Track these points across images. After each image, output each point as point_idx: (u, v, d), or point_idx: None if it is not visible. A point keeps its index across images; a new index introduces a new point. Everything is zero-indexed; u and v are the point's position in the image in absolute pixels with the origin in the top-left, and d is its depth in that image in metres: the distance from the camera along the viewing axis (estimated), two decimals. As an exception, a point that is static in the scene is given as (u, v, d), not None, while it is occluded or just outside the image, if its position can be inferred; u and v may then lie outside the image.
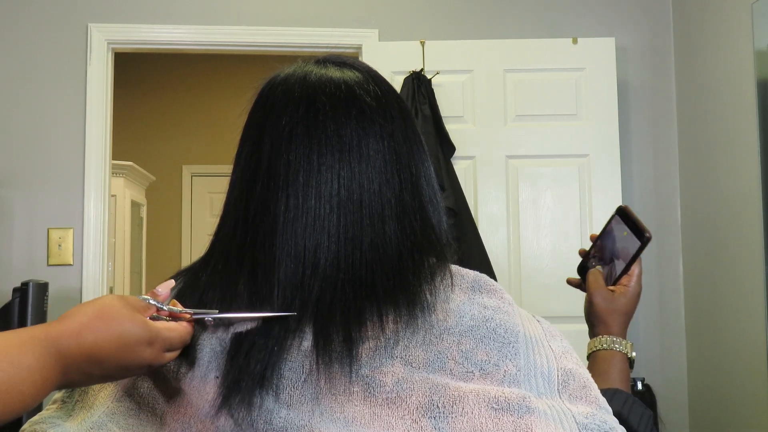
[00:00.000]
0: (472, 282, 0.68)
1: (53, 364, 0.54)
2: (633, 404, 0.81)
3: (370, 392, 0.59)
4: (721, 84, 2.44)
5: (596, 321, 0.94)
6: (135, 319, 0.59)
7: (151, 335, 0.59)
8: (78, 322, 0.57)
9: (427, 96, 2.52)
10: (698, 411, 2.57)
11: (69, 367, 0.56)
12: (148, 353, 0.59)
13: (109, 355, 0.57)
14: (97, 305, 0.59)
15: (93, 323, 0.57)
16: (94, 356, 0.57)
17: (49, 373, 0.54)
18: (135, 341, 0.58)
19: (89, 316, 0.58)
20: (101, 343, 0.57)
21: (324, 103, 0.68)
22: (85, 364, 0.57)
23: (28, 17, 2.63)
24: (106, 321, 0.58)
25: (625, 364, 0.91)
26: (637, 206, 2.73)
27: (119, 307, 0.59)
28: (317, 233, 0.64)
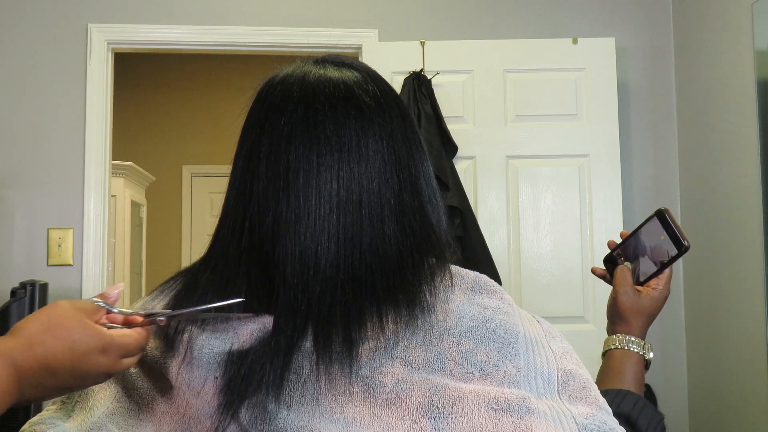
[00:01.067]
0: (472, 282, 0.68)
1: (9, 380, 0.53)
2: (644, 407, 0.81)
3: (370, 393, 0.59)
4: (721, 84, 2.44)
5: (618, 318, 0.94)
6: (86, 327, 0.58)
7: (104, 343, 0.58)
8: (27, 334, 0.56)
9: (428, 95, 2.52)
10: (698, 411, 2.57)
11: (24, 380, 0.55)
12: (102, 361, 0.58)
13: (63, 366, 0.56)
14: (44, 315, 0.58)
15: (42, 335, 0.56)
16: (47, 367, 0.56)
17: (5, 387, 0.53)
18: (87, 350, 0.57)
19: (38, 328, 0.57)
20: (53, 353, 0.56)
21: (323, 103, 0.67)
22: (40, 377, 0.56)
23: (28, 17, 2.63)
24: (55, 331, 0.57)
25: (641, 366, 0.90)
26: (637, 206, 2.73)
27: (68, 315, 0.58)
28: (318, 234, 0.64)
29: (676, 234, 0.91)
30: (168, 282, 0.72)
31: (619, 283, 0.95)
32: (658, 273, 0.94)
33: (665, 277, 0.94)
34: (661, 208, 0.94)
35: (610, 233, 2.55)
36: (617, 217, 2.56)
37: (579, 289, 2.54)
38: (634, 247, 0.97)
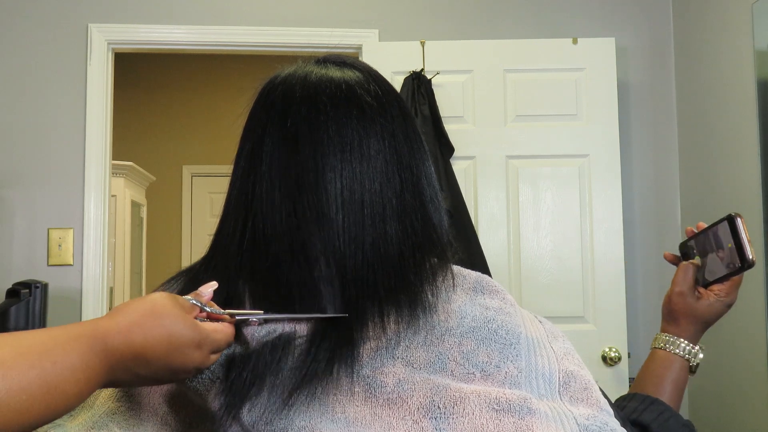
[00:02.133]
0: (474, 283, 0.68)
1: (98, 363, 0.53)
2: (669, 419, 0.79)
3: (371, 393, 0.59)
4: (721, 84, 2.44)
5: (668, 317, 0.92)
6: (185, 319, 0.58)
7: (200, 337, 0.58)
8: (128, 319, 0.56)
9: (427, 96, 2.52)
10: (698, 411, 2.57)
11: (115, 365, 0.54)
12: (197, 356, 0.58)
13: (158, 356, 0.56)
14: (147, 303, 0.57)
15: (144, 321, 0.56)
16: (142, 356, 0.55)
17: (94, 372, 0.52)
18: (185, 343, 0.57)
19: (140, 314, 0.56)
20: (151, 342, 0.55)
21: (325, 103, 0.67)
22: (133, 364, 0.55)
23: (28, 17, 2.63)
24: (157, 320, 0.56)
25: (683, 372, 0.88)
26: (637, 206, 2.73)
27: (170, 306, 0.58)
28: (328, 234, 0.64)
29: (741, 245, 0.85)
30: (169, 281, 0.72)
31: (676, 281, 0.91)
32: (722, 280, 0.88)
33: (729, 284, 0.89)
34: (732, 214, 0.87)
35: (610, 233, 2.56)
36: (617, 217, 2.56)
37: (579, 289, 2.54)
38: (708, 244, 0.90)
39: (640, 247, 2.71)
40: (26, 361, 0.48)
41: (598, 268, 2.54)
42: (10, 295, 2.22)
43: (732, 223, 0.86)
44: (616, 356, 2.48)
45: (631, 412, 0.82)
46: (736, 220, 0.86)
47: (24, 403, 0.47)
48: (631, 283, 2.63)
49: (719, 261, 0.88)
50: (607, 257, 2.54)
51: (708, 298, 0.89)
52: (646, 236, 2.72)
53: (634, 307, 2.65)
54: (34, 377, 0.48)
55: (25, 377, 0.47)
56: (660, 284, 2.68)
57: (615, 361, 2.48)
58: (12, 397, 0.46)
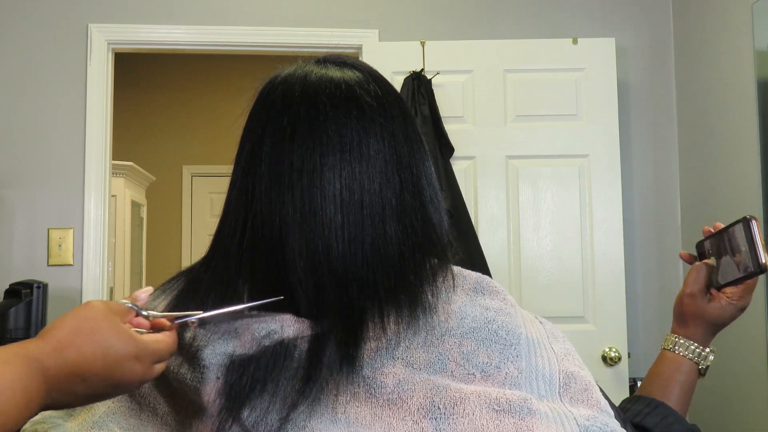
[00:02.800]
0: (474, 283, 0.68)
1: (37, 384, 0.51)
2: (672, 423, 0.78)
3: (371, 393, 0.59)
4: (721, 84, 2.44)
5: (679, 318, 0.91)
6: (120, 332, 0.56)
7: (138, 350, 0.56)
8: (59, 337, 0.54)
9: (427, 96, 2.52)
10: (698, 411, 2.57)
11: (53, 386, 0.52)
12: (137, 368, 0.56)
13: (95, 372, 0.54)
14: (78, 317, 0.55)
15: (74, 339, 0.54)
16: (78, 374, 0.53)
17: (33, 393, 0.50)
18: (121, 356, 0.55)
19: (69, 331, 0.54)
20: (86, 359, 0.53)
21: (324, 103, 0.67)
22: (70, 383, 0.53)
23: (28, 17, 2.63)
24: (89, 336, 0.54)
25: (692, 375, 0.87)
26: (637, 206, 2.73)
27: (102, 318, 0.56)
28: (328, 234, 0.64)
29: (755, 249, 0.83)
30: (169, 282, 0.72)
31: (687, 282, 0.89)
32: (736, 283, 0.86)
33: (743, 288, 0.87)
34: (747, 216, 0.85)
35: (610, 233, 2.56)
36: (617, 217, 2.56)
37: (579, 289, 2.54)
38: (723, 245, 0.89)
39: (640, 247, 2.71)
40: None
41: (598, 268, 2.54)
42: (10, 295, 2.22)
43: (747, 225, 0.85)
44: (616, 356, 2.48)
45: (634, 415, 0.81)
46: (751, 222, 0.84)
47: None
48: (631, 283, 2.63)
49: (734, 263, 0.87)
50: (607, 257, 2.54)
51: (720, 300, 0.88)
52: (646, 236, 2.72)
53: (634, 307, 2.65)
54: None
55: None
56: (660, 284, 2.68)
57: (615, 361, 2.48)
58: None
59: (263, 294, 0.64)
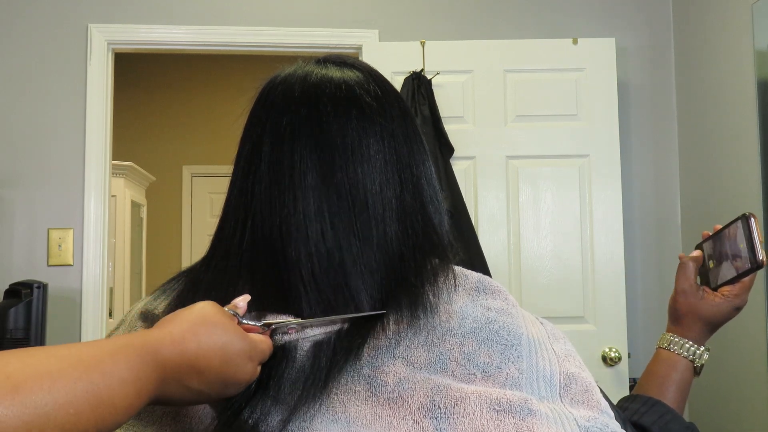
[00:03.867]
0: (475, 283, 0.68)
1: (149, 375, 0.50)
2: (670, 421, 0.78)
3: (372, 392, 0.59)
4: (721, 84, 2.44)
5: (673, 317, 0.91)
6: (237, 329, 0.56)
7: (251, 348, 0.56)
8: (180, 328, 0.53)
9: (427, 97, 2.52)
10: (698, 411, 2.57)
11: (167, 378, 0.51)
12: (249, 367, 0.56)
13: (212, 367, 0.53)
14: (197, 312, 0.55)
15: (197, 329, 0.53)
16: (196, 366, 0.53)
17: (145, 384, 0.49)
18: (238, 353, 0.55)
19: (191, 323, 0.54)
20: (205, 352, 0.53)
21: (324, 103, 0.67)
22: (185, 375, 0.52)
23: (28, 18, 2.63)
24: (210, 328, 0.54)
25: (687, 373, 0.88)
26: (637, 206, 2.73)
27: (220, 315, 0.56)
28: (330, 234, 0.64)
29: (753, 246, 0.83)
30: (170, 282, 0.72)
31: (678, 280, 0.90)
32: (732, 281, 0.87)
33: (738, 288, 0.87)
34: (746, 213, 0.85)
35: (610, 233, 2.56)
36: (617, 217, 2.56)
37: (579, 289, 2.54)
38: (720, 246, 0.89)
39: (640, 247, 2.71)
40: (73, 372, 0.45)
41: (598, 268, 2.54)
42: (10, 295, 2.22)
43: (746, 222, 0.85)
44: (616, 356, 2.48)
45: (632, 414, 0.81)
46: (750, 219, 0.85)
47: (71, 417, 0.44)
48: (631, 283, 2.63)
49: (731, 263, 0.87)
50: (607, 257, 2.54)
51: (715, 298, 0.88)
52: (646, 236, 2.72)
53: (634, 307, 2.65)
54: (82, 390, 0.45)
55: (72, 390, 0.44)
56: (660, 284, 2.68)
57: (615, 361, 2.48)
58: (58, 410, 0.43)
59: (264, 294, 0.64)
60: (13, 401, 0.41)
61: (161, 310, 0.68)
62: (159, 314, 0.68)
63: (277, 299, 0.64)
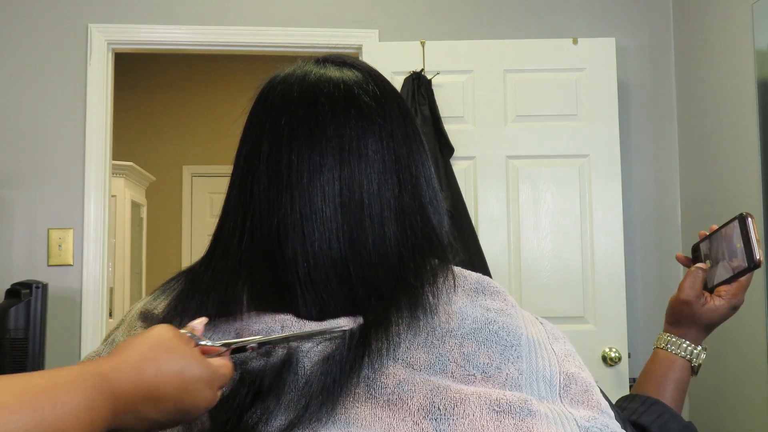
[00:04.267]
0: (475, 284, 0.68)
1: (103, 404, 0.49)
2: (668, 420, 0.79)
3: (371, 393, 0.59)
4: (721, 84, 2.44)
5: (671, 319, 0.91)
6: (195, 355, 0.54)
7: (210, 373, 0.54)
8: (137, 354, 0.52)
9: (427, 97, 2.52)
10: (698, 411, 2.57)
11: (122, 407, 0.50)
12: (207, 394, 0.54)
13: (169, 394, 0.52)
14: (154, 337, 0.54)
15: (154, 355, 0.52)
16: (153, 394, 0.51)
17: (99, 414, 0.48)
18: (196, 379, 0.53)
19: (148, 348, 0.53)
20: (162, 379, 0.52)
21: (323, 103, 0.67)
22: (141, 404, 0.51)
23: (28, 18, 2.63)
24: (168, 354, 0.53)
25: (685, 372, 0.88)
26: (637, 206, 2.73)
27: (177, 339, 0.54)
28: (326, 235, 0.64)
29: (750, 245, 0.84)
30: (169, 282, 0.72)
31: (683, 288, 0.90)
32: (729, 281, 0.87)
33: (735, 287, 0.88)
34: (743, 213, 0.86)
35: (610, 233, 2.56)
36: (617, 217, 2.56)
37: (579, 289, 2.54)
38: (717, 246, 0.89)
39: (640, 247, 2.71)
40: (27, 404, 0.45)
41: (598, 268, 2.54)
42: (10, 296, 2.22)
43: (743, 222, 0.85)
44: (616, 356, 2.48)
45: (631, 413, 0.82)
46: (747, 219, 0.85)
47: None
48: (631, 283, 2.63)
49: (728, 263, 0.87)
50: (607, 257, 2.54)
51: (714, 301, 0.89)
52: (646, 236, 2.72)
53: (634, 307, 2.65)
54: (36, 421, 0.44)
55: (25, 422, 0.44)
56: (660, 284, 2.68)
57: (615, 361, 2.48)
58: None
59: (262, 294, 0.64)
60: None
61: (161, 311, 0.68)
62: (159, 314, 0.68)
63: (276, 299, 0.64)
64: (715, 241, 0.90)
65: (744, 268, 0.85)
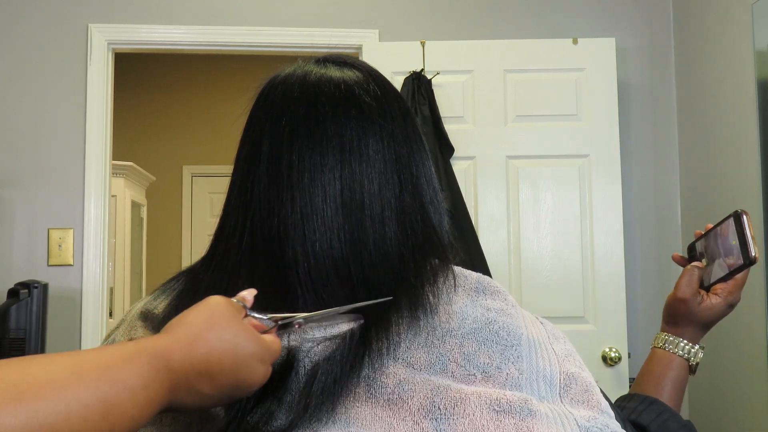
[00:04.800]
0: (475, 284, 0.68)
1: (160, 382, 0.48)
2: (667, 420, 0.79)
3: (372, 393, 0.59)
4: (721, 84, 2.44)
5: (668, 318, 0.92)
6: (248, 330, 0.54)
7: (263, 349, 0.54)
8: (188, 332, 0.51)
9: (427, 97, 2.52)
10: (698, 411, 2.57)
11: (178, 384, 0.50)
12: (260, 370, 0.54)
13: (223, 370, 0.52)
14: (206, 312, 0.53)
15: (205, 333, 0.52)
16: (207, 371, 0.51)
17: (155, 392, 0.48)
18: (250, 355, 0.53)
19: (201, 326, 0.52)
20: (216, 356, 0.51)
21: (323, 103, 0.67)
22: (197, 381, 0.51)
23: (28, 18, 2.63)
24: (220, 331, 0.52)
25: (683, 371, 0.88)
26: (637, 206, 2.73)
27: (230, 314, 0.54)
28: (328, 234, 0.64)
29: (745, 242, 0.84)
30: (170, 282, 0.72)
31: (679, 286, 0.90)
32: (725, 279, 0.87)
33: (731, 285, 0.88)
34: (738, 211, 0.86)
35: (610, 233, 2.56)
36: (617, 217, 2.56)
37: (579, 289, 2.54)
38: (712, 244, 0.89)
39: (640, 247, 2.71)
40: (80, 381, 0.43)
41: (598, 268, 2.54)
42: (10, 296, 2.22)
43: (738, 219, 0.85)
44: (616, 356, 2.48)
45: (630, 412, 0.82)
46: (742, 216, 0.85)
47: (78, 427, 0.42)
48: (631, 283, 2.63)
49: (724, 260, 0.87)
50: (607, 257, 2.54)
51: (710, 299, 0.89)
52: (646, 236, 2.72)
53: (634, 307, 2.65)
54: (90, 399, 0.43)
55: (79, 399, 0.43)
56: (660, 284, 2.68)
57: (615, 361, 2.48)
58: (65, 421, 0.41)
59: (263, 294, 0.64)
60: (17, 410, 0.40)
61: (161, 310, 0.68)
62: (159, 314, 0.68)
63: (276, 299, 0.64)
64: (710, 239, 0.90)
65: (740, 265, 0.85)
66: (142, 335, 0.67)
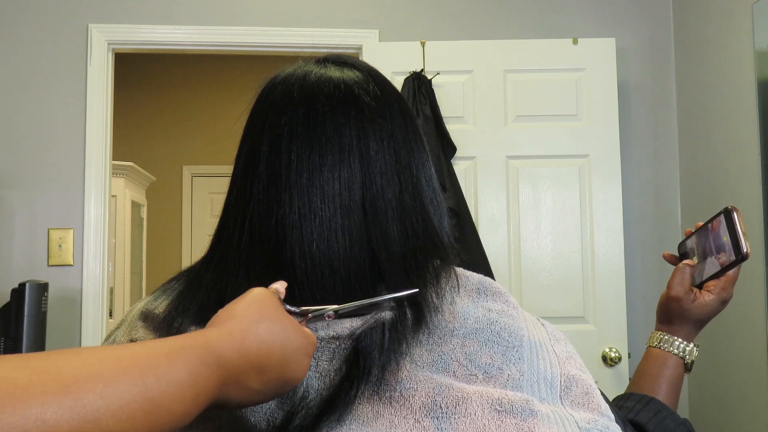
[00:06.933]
0: (477, 284, 0.67)
1: (209, 378, 0.47)
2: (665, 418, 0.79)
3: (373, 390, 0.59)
4: (721, 84, 2.44)
5: (662, 317, 0.92)
6: (295, 324, 0.54)
7: (308, 343, 0.54)
8: (241, 325, 0.51)
9: (428, 97, 2.52)
10: (698, 411, 2.57)
11: (228, 380, 0.49)
12: (305, 363, 0.54)
13: (272, 365, 0.51)
14: (255, 305, 0.53)
15: (255, 327, 0.51)
16: (257, 365, 0.50)
17: (203, 388, 0.46)
18: (296, 349, 0.53)
19: (251, 319, 0.51)
20: (266, 348, 0.51)
21: (323, 103, 0.67)
22: (245, 376, 0.50)
23: (28, 18, 2.63)
24: (269, 325, 0.52)
25: (679, 370, 0.89)
26: (637, 206, 2.73)
27: (277, 307, 0.54)
28: (327, 234, 0.64)
29: (737, 238, 0.84)
30: (170, 282, 0.72)
31: (671, 285, 0.91)
32: (717, 276, 0.88)
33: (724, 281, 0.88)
34: (728, 207, 0.86)
35: (610, 233, 2.56)
36: (617, 217, 2.56)
37: (579, 289, 2.54)
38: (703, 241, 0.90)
39: (640, 247, 2.71)
40: (126, 375, 0.42)
41: (598, 268, 2.54)
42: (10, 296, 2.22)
43: (728, 216, 0.86)
44: (616, 356, 2.48)
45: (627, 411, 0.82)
46: (732, 213, 0.86)
47: (123, 423, 0.41)
48: (631, 283, 2.63)
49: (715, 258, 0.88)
50: (607, 257, 2.54)
51: (703, 297, 0.90)
52: (646, 236, 2.72)
53: (634, 307, 2.65)
54: (135, 394, 0.42)
55: (124, 394, 0.41)
56: (660, 284, 2.68)
57: (615, 361, 2.48)
58: (110, 416, 0.40)
59: None
60: (62, 404, 0.39)
61: (162, 311, 0.68)
62: (159, 314, 0.68)
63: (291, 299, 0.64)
64: (701, 237, 0.91)
65: (732, 261, 0.85)
66: (143, 335, 0.67)
